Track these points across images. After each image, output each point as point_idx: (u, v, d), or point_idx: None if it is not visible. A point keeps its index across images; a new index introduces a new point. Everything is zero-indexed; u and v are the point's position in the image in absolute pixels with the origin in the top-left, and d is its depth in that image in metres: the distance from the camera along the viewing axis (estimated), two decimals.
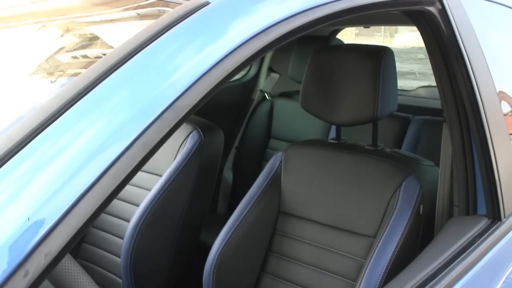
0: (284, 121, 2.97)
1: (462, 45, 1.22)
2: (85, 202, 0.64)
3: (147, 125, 0.72)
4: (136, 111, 0.72)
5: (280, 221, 1.65)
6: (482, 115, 1.24)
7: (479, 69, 1.25)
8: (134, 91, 0.74)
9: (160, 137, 0.73)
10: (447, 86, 1.26)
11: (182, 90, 0.76)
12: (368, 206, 1.49)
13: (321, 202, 1.58)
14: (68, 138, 0.68)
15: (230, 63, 0.81)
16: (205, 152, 2.03)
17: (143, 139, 0.71)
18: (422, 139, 2.48)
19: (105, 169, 0.67)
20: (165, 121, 0.74)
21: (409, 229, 1.39)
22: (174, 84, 0.77)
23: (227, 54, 0.81)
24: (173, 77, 0.78)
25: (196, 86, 0.77)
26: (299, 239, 1.61)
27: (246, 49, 0.83)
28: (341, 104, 1.48)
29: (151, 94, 0.75)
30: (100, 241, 2.11)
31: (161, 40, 0.79)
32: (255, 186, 1.67)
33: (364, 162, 1.54)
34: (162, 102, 0.74)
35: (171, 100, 0.75)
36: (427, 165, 1.52)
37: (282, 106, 3.02)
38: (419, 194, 1.42)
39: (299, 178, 1.64)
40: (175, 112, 0.74)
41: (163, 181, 1.95)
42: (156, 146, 0.72)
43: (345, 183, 1.55)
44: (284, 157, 1.67)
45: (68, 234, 0.63)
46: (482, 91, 1.24)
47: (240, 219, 1.62)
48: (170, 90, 0.76)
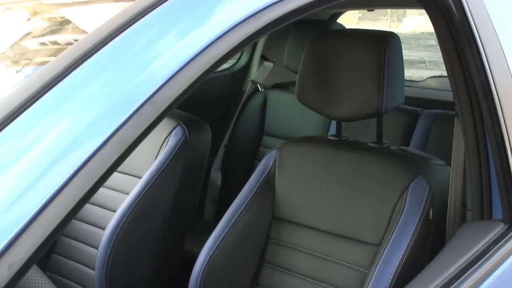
0: (279, 116, 2.98)
1: (475, 30, 1.23)
2: (53, 207, 0.64)
3: (123, 121, 0.72)
4: (111, 105, 0.72)
5: (274, 227, 1.66)
6: (497, 108, 1.25)
7: (494, 57, 1.26)
8: (108, 82, 0.74)
9: (138, 133, 0.73)
10: (459, 75, 1.27)
11: (162, 81, 0.76)
12: (372, 210, 1.50)
13: (320, 206, 1.59)
14: (34, 136, 0.68)
15: (216, 51, 0.81)
16: (190, 150, 2.03)
17: (118, 136, 0.71)
18: (432, 136, 2.49)
19: (75, 170, 0.67)
20: (144, 115, 0.74)
21: (418, 236, 1.40)
22: (154, 74, 0.77)
23: (214, 40, 0.81)
24: (152, 66, 0.78)
25: (178, 77, 0.78)
26: (295, 247, 1.61)
27: (235, 34, 0.83)
28: (341, 96, 1.49)
29: (128, 85, 0.75)
30: (71, 251, 2.11)
31: (139, 24, 0.79)
32: (246, 188, 1.67)
33: (368, 161, 1.55)
34: (140, 94, 0.75)
35: (151, 92, 0.75)
36: (437, 164, 1.53)
37: (277, 99, 3.02)
38: (428, 197, 1.43)
39: (295, 180, 1.64)
40: (155, 105, 0.75)
41: (142, 183, 1.95)
42: (134, 143, 0.72)
43: (347, 184, 1.56)
44: (278, 156, 1.67)
45: (34, 243, 0.63)
46: (497, 81, 1.25)
47: (230, 226, 1.62)
48: (149, 81, 0.76)
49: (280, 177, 1.66)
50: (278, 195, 1.66)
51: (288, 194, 1.64)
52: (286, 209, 1.64)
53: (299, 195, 1.63)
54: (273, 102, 3.03)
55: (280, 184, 1.66)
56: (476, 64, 1.24)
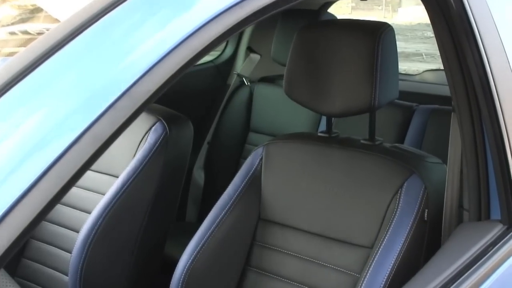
0: (266, 111, 2.98)
1: (473, 21, 1.24)
2: (21, 207, 0.64)
3: (98, 115, 0.72)
4: (85, 99, 0.72)
5: (260, 230, 1.66)
6: (496, 103, 1.26)
7: (493, 49, 1.27)
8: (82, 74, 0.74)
9: (114, 129, 0.73)
10: (456, 69, 1.28)
11: (140, 73, 0.76)
12: (363, 211, 1.51)
13: (309, 207, 1.59)
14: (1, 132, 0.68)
15: (198, 41, 0.81)
16: (171, 148, 2.03)
17: (93, 131, 0.71)
18: (428, 132, 2.50)
19: (46, 168, 0.66)
20: (120, 110, 0.74)
21: (412, 238, 1.41)
22: (131, 66, 0.77)
23: (195, 30, 0.81)
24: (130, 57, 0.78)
25: (157, 69, 0.78)
26: (282, 251, 1.62)
27: (217, 25, 0.83)
28: (332, 90, 1.50)
29: (103, 78, 0.75)
30: (43, 255, 2.10)
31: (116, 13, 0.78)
32: (230, 188, 1.67)
33: (359, 159, 1.55)
34: (116, 87, 0.74)
35: (128, 85, 0.75)
36: (433, 162, 1.54)
37: (264, 93, 3.02)
38: (423, 197, 1.44)
39: (282, 179, 1.65)
40: (132, 99, 0.74)
41: (119, 183, 1.95)
42: (109, 140, 0.72)
43: (337, 184, 1.56)
44: (265, 153, 1.68)
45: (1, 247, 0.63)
46: (496, 75, 1.26)
47: (213, 228, 1.63)
48: (127, 73, 0.76)
49: (267, 176, 1.66)
50: (264, 195, 1.66)
51: (275, 194, 1.65)
52: (273, 210, 1.65)
53: (287, 195, 1.63)
54: (260, 97, 3.03)
55: (267, 183, 1.66)
56: (474, 57, 1.25)
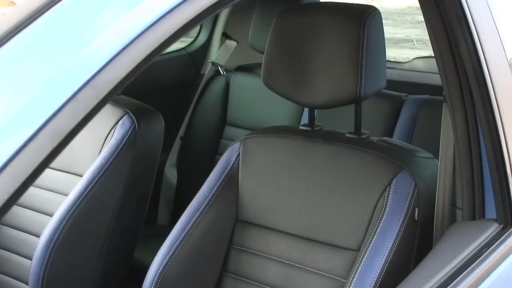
0: (244, 103, 2.98)
1: (465, 5, 1.24)
2: None
3: (57, 108, 0.71)
4: (42, 90, 0.72)
5: (237, 232, 1.66)
6: (490, 93, 1.27)
7: (487, 35, 1.28)
8: (39, 62, 0.73)
9: (75, 123, 0.73)
10: (447, 56, 1.29)
11: (103, 62, 0.76)
12: (349, 211, 1.52)
13: (290, 206, 1.60)
14: None
15: (168, 26, 0.81)
16: (140, 143, 2.02)
17: (51, 126, 0.70)
18: (419, 125, 2.52)
19: None
20: (82, 101, 0.73)
21: (401, 239, 1.42)
22: (94, 53, 0.77)
23: (165, 13, 0.81)
24: (92, 44, 0.77)
25: (123, 56, 0.77)
26: (262, 255, 1.62)
27: (189, 7, 0.82)
28: (314, 80, 1.50)
29: (62, 67, 0.74)
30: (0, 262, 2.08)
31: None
32: (205, 187, 1.67)
33: (344, 154, 1.56)
34: (77, 77, 0.74)
35: (89, 74, 0.75)
36: (424, 157, 1.55)
37: (241, 83, 3.02)
38: (413, 195, 1.45)
39: (261, 176, 1.65)
40: (94, 90, 0.74)
41: (84, 182, 1.94)
42: (70, 135, 0.72)
43: (321, 181, 1.57)
44: (242, 149, 1.68)
45: None
46: (490, 63, 1.27)
47: (186, 231, 1.62)
48: (88, 61, 0.76)
49: (244, 174, 1.66)
50: (242, 195, 1.66)
51: (254, 193, 1.65)
52: (251, 210, 1.65)
53: (266, 194, 1.63)
54: (237, 87, 3.02)
55: (245, 181, 1.66)
56: (467, 44, 1.26)
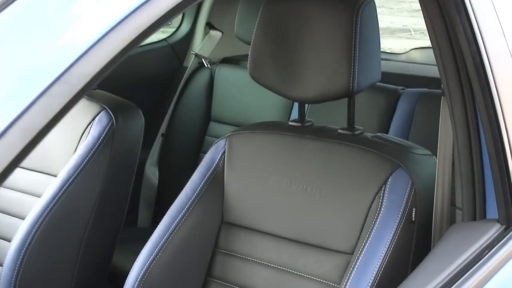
0: (229, 97, 2.98)
1: None
2: None
3: (28, 104, 0.71)
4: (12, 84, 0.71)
5: (223, 235, 1.66)
6: (491, 85, 1.27)
7: (487, 23, 1.29)
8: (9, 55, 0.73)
9: (48, 119, 0.72)
10: (445, 46, 1.29)
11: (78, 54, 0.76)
12: (342, 212, 1.52)
13: (279, 208, 1.60)
14: None
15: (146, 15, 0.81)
16: (119, 141, 2.02)
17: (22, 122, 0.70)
18: (416, 120, 2.53)
19: None
20: (55, 96, 0.73)
21: (398, 241, 1.42)
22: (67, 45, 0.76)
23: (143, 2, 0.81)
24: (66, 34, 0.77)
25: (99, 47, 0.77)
26: (249, 259, 1.62)
27: None
28: (304, 73, 1.50)
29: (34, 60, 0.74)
30: None
31: None
32: (188, 187, 1.67)
33: (337, 151, 1.56)
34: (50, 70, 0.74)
35: (63, 68, 0.75)
36: (421, 154, 1.56)
37: (226, 76, 3.02)
38: (410, 194, 1.45)
39: (248, 175, 1.65)
40: (68, 84, 0.74)
41: (59, 183, 1.93)
42: (42, 132, 0.72)
43: (312, 180, 1.57)
44: (228, 146, 1.68)
45: None
46: (491, 53, 1.28)
47: (169, 234, 1.62)
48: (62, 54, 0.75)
49: (230, 173, 1.66)
50: (228, 195, 1.66)
51: (240, 194, 1.65)
52: (238, 212, 1.65)
53: (254, 195, 1.64)
54: (222, 81, 3.02)
55: (231, 181, 1.66)
56: (466, 32, 1.26)
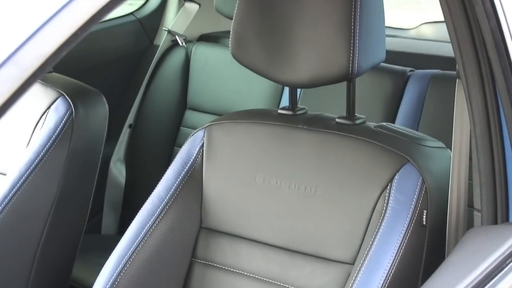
0: (208, 81, 2.98)
1: None
2: None
3: None
4: None
5: (202, 243, 1.66)
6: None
7: None
8: None
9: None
10: (460, 20, 1.29)
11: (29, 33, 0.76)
12: (341, 214, 1.52)
13: (268, 210, 1.60)
14: None
15: None
16: (79, 133, 2.01)
17: None
18: (427, 106, 2.53)
19: None
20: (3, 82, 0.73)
21: (406, 249, 1.43)
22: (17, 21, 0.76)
23: None
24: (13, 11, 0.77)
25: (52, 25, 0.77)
26: (233, 270, 1.63)
27: None
28: (296, 52, 1.50)
29: None
30: None
31: None
32: (161, 188, 1.67)
33: (334, 144, 1.57)
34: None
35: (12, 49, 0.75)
36: (433, 147, 1.56)
37: (205, 56, 3.01)
38: (420, 193, 1.46)
39: (231, 173, 1.65)
40: (18, 67, 0.74)
41: (9, 183, 1.93)
42: None
43: (305, 179, 1.57)
44: (207, 138, 1.68)
45: None
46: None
47: (138, 243, 1.62)
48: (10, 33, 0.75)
49: (210, 170, 1.66)
50: (207, 196, 1.66)
51: (222, 194, 1.65)
52: (219, 215, 1.65)
53: (238, 195, 1.64)
54: (200, 62, 3.02)
55: (210, 179, 1.66)
56: (484, 4, 1.26)
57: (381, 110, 2.58)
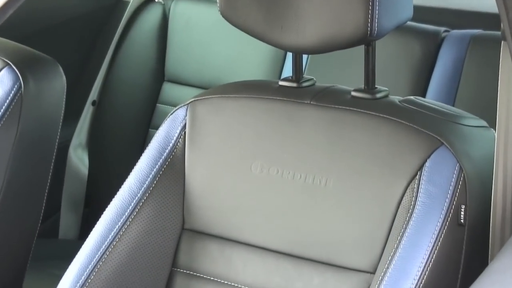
0: (191, 47, 2.98)
1: None
2: None
3: None
4: None
5: (185, 248, 1.67)
6: None
7: None
8: None
9: None
10: None
11: None
12: (359, 213, 1.53)
13: (267, 207, 1.61)
14: None
15: None
16: (29, 112, 2.02)
17: None
18: (466, 75, 2.54)
19: None
20: None
21: (440, 254, 1.43)
22: None
23: None
24: None
25: None
26: (224, 282, 1.63)
27: None
28: (301, 10, 1.50)
29: None
30: None
31: None
32: (133, 180, 1.69)
33: (350, 124, 1.57)
34: None
35: None
36: (473, 126, 1.57)
37: (187, 15, 3.01)
38: (457, 184, 1.46)
39: (220, 161, 1.66)
40: None
41: None
42: None
43: (314, 167, 1.58)
44: (190, 118, 1.68)
45: None
46: None
47: (104, 249, 1.63)
48: None
49: (194, 157, 1.67)
50: (191, 190, 1.67)
51: (209, 188, 1.66)
52: (206, 214, 1.66)
53: (230, 189, 1.64)
54: (180, 22, 3.02)
55: (195, 169, 1.67)
56: None
57: (408, 80, 2.58)
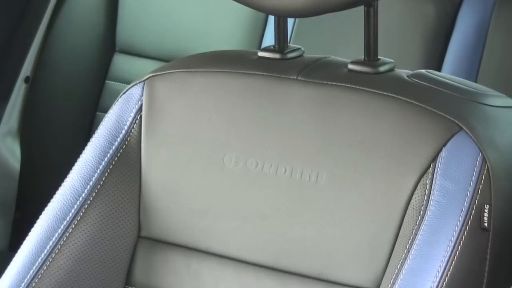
0: (149, 10, 2.98)
1: None
2: None
3: None
4: None
5: (141, 260, 1.68)
6: None
7: None
8: None
9: None
10: None
11: None
12: (358, 215, 1.53)
13: (244, 210, 1.61)
14: None
15: None
16: None
17: None
18: (490, 44, 2.55)
19: None
20: None
21: (458, 264, 1.43)
22: None
23: None
24: None
25: None
26: None
27: None
28: None
29: None
30: None
31: None
32: (76, 176, 1.69)
33: (346, 104, 1.57)
34: None
35: None
36: (499, 106, 1.58)
37: None
38: (480, 178, 1.46)
39: (187, 152, 1.66)
40: None
41: None
42: None
43: (302, 159, 1.58)
44: (147, 98, 1.68)
45: None
46: None
47: (41, 263, 1.63)
48: None
49: (152, 147, 1.67)
50: (148, 189, 1.68)
51: (171, 186, 1.66)
52: (167, 218, 1.66)
53: (197, 187, 1.65)
54: None
55: (153, 162, 1.68)
56: None
57: (419, 50, 2.60)
